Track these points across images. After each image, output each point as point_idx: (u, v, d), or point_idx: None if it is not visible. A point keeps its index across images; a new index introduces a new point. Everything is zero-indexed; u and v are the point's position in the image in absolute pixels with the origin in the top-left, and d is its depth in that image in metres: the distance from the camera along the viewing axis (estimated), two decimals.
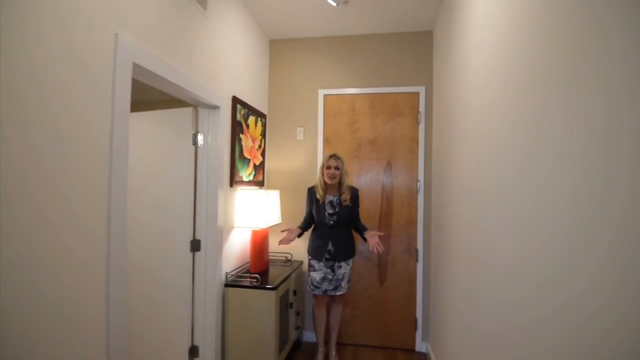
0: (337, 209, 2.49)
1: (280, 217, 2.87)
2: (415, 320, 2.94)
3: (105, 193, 1.33)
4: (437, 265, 2.60)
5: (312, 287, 2.54)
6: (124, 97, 1.42)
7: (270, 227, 2.71)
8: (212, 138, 2.26)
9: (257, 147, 2.87)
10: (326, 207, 2.50)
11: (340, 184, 2.52)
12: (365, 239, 2.49)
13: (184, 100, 2.11)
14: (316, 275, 2.52)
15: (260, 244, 2.60)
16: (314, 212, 2.54)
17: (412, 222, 2.96)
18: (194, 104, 2.20)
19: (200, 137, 2.22)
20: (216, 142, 2.26)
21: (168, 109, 2.27)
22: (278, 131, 3.18)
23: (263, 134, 3.02)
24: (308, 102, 3.14)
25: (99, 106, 1.30)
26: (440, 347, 2.41)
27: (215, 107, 2.24)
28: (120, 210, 1.39)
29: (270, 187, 3.13)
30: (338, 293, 2.53)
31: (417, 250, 2.94)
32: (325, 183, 2.50)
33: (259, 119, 2.91)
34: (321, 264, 2.51)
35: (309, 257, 2.59)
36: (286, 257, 3.00)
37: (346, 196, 2.49)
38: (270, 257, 2.95)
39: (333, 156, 2.49)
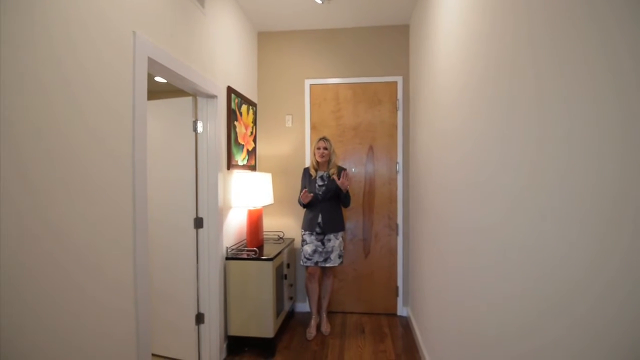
0: (326, 182, 2.84)
1: (273, 198, 3.11)
2: (397, 288, 3.28)
3: (129, 167, 1.55)
4: (415, 237, 2.93)
5: (304, 259, 2.84)
6: (142, 88, 1.63)
7: (264, 206, 2.95)
8: (211, 125, 2.47)
9: (249, 133, 3.09)
10: (317, 181, 2.85)
11: (329, 162, 2.87)
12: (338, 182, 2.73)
13: (184, 90, 2.30)
14: (308, 248, 2.82)
15: (255, 222, 2.85)
16: (307, 186, 2.86)
17: (393, 200, 3.27)
18: (193, 94, 2.40)
19: (199, 124, 2.43)
20: (214, 129, 2.47)
21: (169, 98, 2.46)
22: (268, 119, 3.40)
23: (254, 122, 3.24)
24: (295, 91, 3.37)
25: (122, 95, 1.51)
26: (419, 310, 2.75)
27: (213, 97, 2.44)
28: (141, 184, 1.61)
29: (261, 171, 3.36)
30: (328, 265, 2.82)
31: (397, 225, 3.26)
32: (317, 161, 2.85)
33: (250, 107, 3.12)
34: (312, 237, 2.81)
35: (302, 232, 2.88)
36: (278, 235, 3.26)
37: (333, 171, 2.85)
38: (264, 235, 3.20)
39: (322, 139, 2.86)
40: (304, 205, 2.87)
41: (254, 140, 3.24)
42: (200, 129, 2.43)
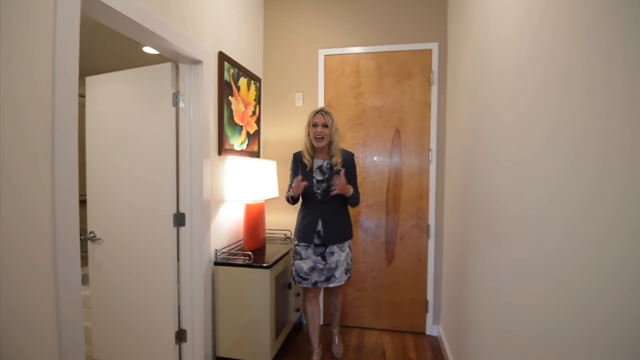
0: (327, 175, 2.09)
1: (278, 190, 2.60)
2: (426, 302, 2.70)
3: (48, 156, 1.08)
4: (458, 243, 2.34)
5: (298, 278, 2.13)
6: (70, 40, 1.14)
7: (267, 200, 2.46)
8: (195, 98, 1.98)
9: (250, 113, 2.59)
10: (314, 174, 2.10)
11: (330, 145, 2.11)
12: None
13: (161, 54, 1.83)
14: (304, 265, 2.11)
15: (254, 219, 2.36)
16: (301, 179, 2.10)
17: (423, 195, 2.68)
18: (172, 58, 1.92)
19: (181, 98, 1.95)
20: (200, 103, 1.98)
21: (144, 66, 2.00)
22: (275, 97, 2.89)
23: (258, 100, 2.74)
24: (307, 64, 2.83)
25: (36, 55, 1.03)
26: (456, 333, 2.17)
27: (197, 62, 1.96)
28: (66, 171, 1.14)
29: (266, 158, 2.86)
30: (331, 285, 2.11)
31: (428, 226, 2.67)
32: (312, 145, 2.10)
33: (252, 82, 2.62)
34: (309, 251, 2.10)
35: (295, 242, 2.17)
36: (285, 235, 2.76)
37: (337, 159, 2.08)
38: (267, 235, 2.72)
39: (320, 111, 2.06)
40: (295, 202, 2.14)
41: (257, 122, 2.74)
42: (182, 103, 1.96)
